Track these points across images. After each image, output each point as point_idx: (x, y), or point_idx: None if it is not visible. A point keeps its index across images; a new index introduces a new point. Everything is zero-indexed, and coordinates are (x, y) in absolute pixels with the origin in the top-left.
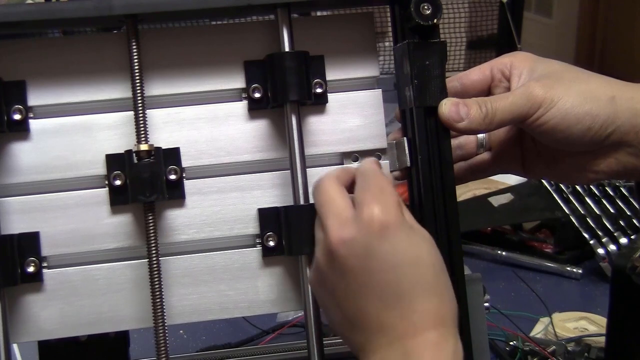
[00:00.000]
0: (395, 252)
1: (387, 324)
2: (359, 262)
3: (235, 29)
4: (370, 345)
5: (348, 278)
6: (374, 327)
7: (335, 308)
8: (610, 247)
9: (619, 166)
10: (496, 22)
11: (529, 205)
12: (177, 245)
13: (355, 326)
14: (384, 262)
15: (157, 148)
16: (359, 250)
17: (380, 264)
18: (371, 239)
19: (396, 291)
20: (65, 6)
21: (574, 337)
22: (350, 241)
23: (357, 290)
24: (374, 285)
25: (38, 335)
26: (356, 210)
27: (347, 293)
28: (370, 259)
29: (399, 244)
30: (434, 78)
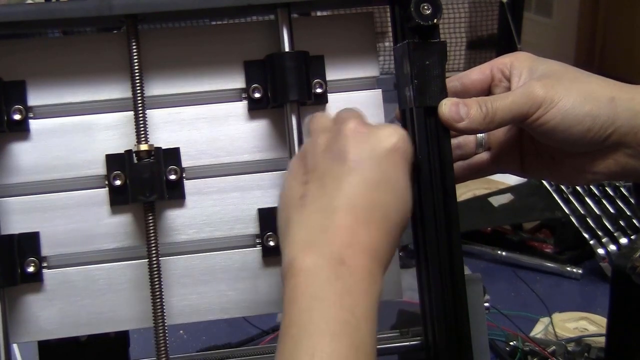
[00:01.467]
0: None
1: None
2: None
3: (235, 29)
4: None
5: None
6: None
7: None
8: (610, 247)
9: (617, 167)
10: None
11: (529, 205)
12: (177, 245)
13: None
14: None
15: (157, 148)
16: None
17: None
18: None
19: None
20: (65, 6)
21: (574, 337)
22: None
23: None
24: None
25: (38, 335)
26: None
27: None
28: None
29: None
30: (434, 78)
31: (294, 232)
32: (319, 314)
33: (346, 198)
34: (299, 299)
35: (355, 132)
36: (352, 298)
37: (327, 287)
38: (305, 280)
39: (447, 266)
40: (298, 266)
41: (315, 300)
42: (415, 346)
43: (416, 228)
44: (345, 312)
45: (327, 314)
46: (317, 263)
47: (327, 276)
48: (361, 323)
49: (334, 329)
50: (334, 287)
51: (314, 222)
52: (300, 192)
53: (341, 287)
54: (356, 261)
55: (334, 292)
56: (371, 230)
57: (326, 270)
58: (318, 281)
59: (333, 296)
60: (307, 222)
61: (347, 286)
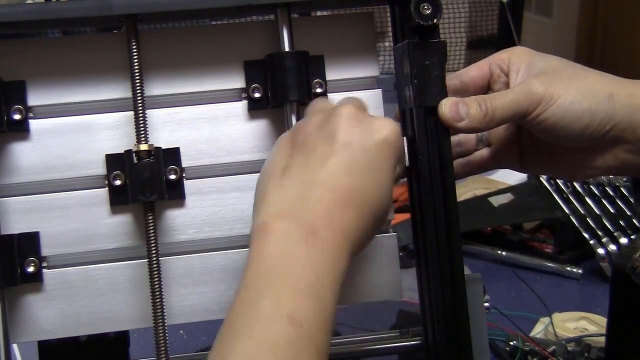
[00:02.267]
0: (375, 164)
1: (315, 200)
2: (346, 139)
3: (235, 29)
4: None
5: (324, 143)
6: (302, 194)
7: (285, 157)
8: (610, 247)
9: (616, 162)
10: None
11: (529, 205)
12: (177, 245)
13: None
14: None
15: (157, 148)
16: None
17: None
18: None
19: (345, 187)
20: (65, 6)
21: (574, 337)
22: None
23: (320, 156)
24: (335, 166)
25: (38, 335)
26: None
27: (310, 152)
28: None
29: (384, 163)
30: (434, 78)
31: (270, 199)
32: (287, 269)
33: (328, 176)
34: (266, 257)
35: (350, 116)
36: (320, 265)
37: (297, 248)
38: (276, 240)
39: (447, 266)
40: (270, 228)
41: (284, 259)
42: (415, 346)
43: (416, 228)
44: (313, 275)
45: (295, 272)
46: (290, 228)
47: (298, 240)
48: (326, 289)
49: (300, 287)
50: (304, 251)
51: (292, 193)
52: (283, 164)
53: (311, 253)
54: (328, 235)
55: (304, 254)
56: (346, 211)
57: (297, 236)
58: (289, 242)
59: (302, 258)
60: (286, 192)
61: (316, 254)
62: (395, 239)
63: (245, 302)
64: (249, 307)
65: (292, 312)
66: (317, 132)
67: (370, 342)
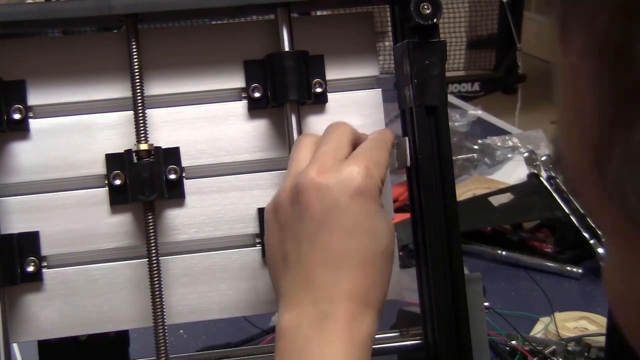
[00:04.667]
0: (359, 219)
1: (319, 281)
2: (322, 211)
3: (235, 28)
4: (294, 295)
5: (305, 222)
6: (306, 280)
7: (279, 244)
8: None
9: None
10: (496, 22)
11: (529, 205)
12: (177, 245)
13: (289, 270)
14: (345, 222)
15: (156, 148)
16: (328, 200)
17: (341, 223)
18: (344, 196)
19: (342, 255)
20: (65, 6)
21: (574, 337)
22: (324, 188)
23: (307, 237)
24: (325, 240)
25: (38, 335)
26: (342, 163)
27: (297, 235)
28: (334, 213)
29: (366, 213)
30: (433, 77)
31: (280, 293)
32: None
33: (321, 253)
34: (284, 357)
35: (316, 185)
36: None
37: (308, 343)
38: (289, 339)
39: (447, 266)
40: (283, 327)
41: (300, 354)
42: (415, 346)
43: (416, 228)
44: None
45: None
46: (300, 322)
47: (308, 334)
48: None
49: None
50: (317, 341)
51: (297, 282)
52: (281, 254)
53: (324, 339)
54: (338, 310)
55: (317, 345)
56: (351, 277)
57: (308, 328)
58: (301, 338)
59: (315, 349)
60: (292, 282)
61: (333, 339)
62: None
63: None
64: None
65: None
66: (293, 210)
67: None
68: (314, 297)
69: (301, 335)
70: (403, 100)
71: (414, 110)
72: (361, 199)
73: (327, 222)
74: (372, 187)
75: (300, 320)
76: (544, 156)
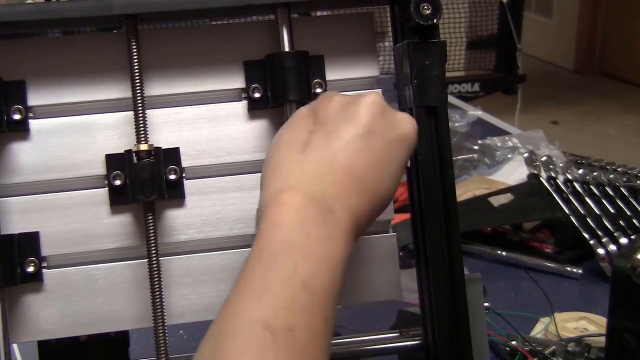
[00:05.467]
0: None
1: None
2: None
3: (235, 29)
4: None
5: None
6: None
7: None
8: (610, 247)
9: None
10: (496, 22)
11: (529, 205)
12: (177, 245)
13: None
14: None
15: (157, 148)
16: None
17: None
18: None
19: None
20: (65, 6)
21: (574, 337)
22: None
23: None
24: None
25: (38, 335)
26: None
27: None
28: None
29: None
30: (433, 78)
31: (287, 170)
32: (304, 241)
33: (349, 161)
34: (284, 225)
35: (375, 105)
36: (334, 243)
37: (313, 224)
38: (293, 211)
39: (447, 266)
40: (287, 198)
41: (301, 230)
42: (415, 346)
43: (416, 228)
44: (328, 250)
45: (311, 245)
46: (307, 202)
47: (314, 216)
48: (338, 266)
49: (316, 259)
50: (321, 227)
51: (311, 169)
52: (303, 138)
53: (327, 230)
54: (343, 216)
55: (321, 230)
56: (360, 198)
57: (314, 211)
58: (306, 216)
59: (319, 233)
60: (305, 167)
61: (330, 231)
62: (395, 239)
63: (260, 266)
64: (264, 270)
65: (307, 279)
66: (341, 112)
67: (370, 343)
68: (324, 190)
69: (305, 214)
70: (403, 100)
71: (414, 111)
72: (404, 143)
73: (367, 139)
74: (415, 141)
75: (305, 201)
76: (544, 156)
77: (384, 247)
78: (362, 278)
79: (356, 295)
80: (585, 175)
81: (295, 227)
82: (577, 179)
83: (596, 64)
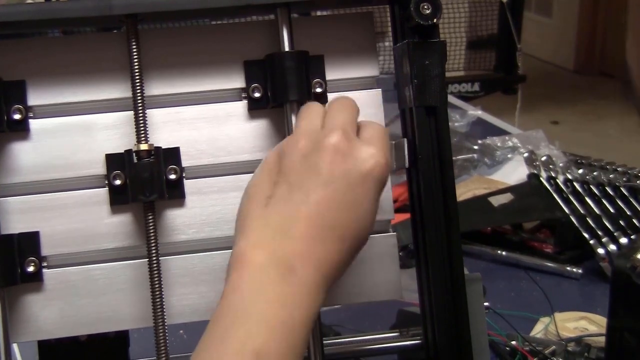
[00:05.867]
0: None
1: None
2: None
3: (235, 28)
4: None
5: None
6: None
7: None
8: (610, 247)
9: None
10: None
11: (529, 205)
12: (177, 245)
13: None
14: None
15: (157, 148)
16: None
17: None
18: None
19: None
20: (65, 6)
21: (574, 337)
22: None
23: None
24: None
25: (38, 335)
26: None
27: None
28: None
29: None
30: (433, 77)
31: (251, 227)
32: (260, 306)
33: (310, 211)
34: (242, 290)
35: (336, 149)
36: (295, 304)
37: (272, 286)
38: (252, 273)
39: (447, 266)
40: (248, 260)
41: (259, 294)
42: (415, 346)
43: (416, 228)
44: (285, 313)
45: (268, 309)
46: (268, 263)
47: (275, 277)
48: (297, 328)
49: (271, 325)
50: (280, 288)
51: (273, 224)
52: (267, 191)
53: (287, 291)
54: (306, 272)
55: (279, 292)
56: (327, 248)
57: (275, 272)
58: (265, 278)
59: (276, 296)
60: (267, 222)
61: (291, 293)
62: (395, 239)
63: (215, 336)
64: (218, 341)
65: (259, 347)
66: (303, 161)
67: (370, 342)
68: (286, 246)
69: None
70: (403, 100)
71: (413, 110)
72: (370, 182)
73: (330, 186)
74: (384, 174)
75: (266, 261)
76: (544, 156)
77: (384, 247)
78: (362, 278)
79: (356, 295)
80: (585, 175)
81: (253, 291)
82: (577, 179)
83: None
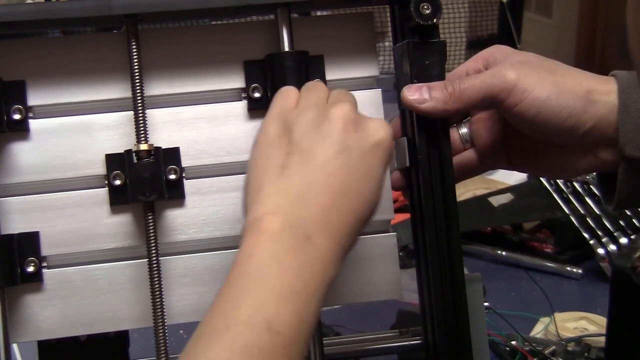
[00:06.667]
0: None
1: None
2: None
3: (235, 29)
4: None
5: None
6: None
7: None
8: (610, 247)
9: (597, 162)
10: (496, 22)
11: (529, 205)
12: (177, 245)
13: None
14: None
15: (156, 148)
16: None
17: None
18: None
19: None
20: (65, 6)
21: (574, 337)
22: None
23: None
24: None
25: (38, 335)
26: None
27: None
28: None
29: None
30: (433, 78)
31: (266, 194)
32: (274, 273)
33: (327, 179)
34: (258, 255)
35: (346, 119)
36: (309, 273)
37: (289, 253)
38: (270, 240)
39: (447, 266)
40: (265, 226)
41: (275, 260)
42: (415, 346)
43: (416, 228)
44: (300, 283)
45: (282, 277)
46: (285, 229)
47: (292, 244)
48: (311, 299)
49: (284, 293)
50: (296, 257)
51: (290, 192)
52: (280, 161)
53: (302, 259)
54: (322, 241)
55: (295, 260)
56: (342, 216)
57: (292, 239)
58: (282, 245)
59: (293, 264)
60: (284, 191)
61: (308, 261)
62: (395, 239)
63: (226, 302)
64: (229, 308)
65: (271, 318)
66: (314, 131)
67: (370, 342)
68: (303, 214)
69: (281, 243)
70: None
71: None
72: (380, 151)
73: (344, 156)
74: (391, 146)
75: (284, 228)
76: None
77: (384, 247)
78: (362, 278)
79: (356, 295)
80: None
81: (269, 259)
82: (577, 179)
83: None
